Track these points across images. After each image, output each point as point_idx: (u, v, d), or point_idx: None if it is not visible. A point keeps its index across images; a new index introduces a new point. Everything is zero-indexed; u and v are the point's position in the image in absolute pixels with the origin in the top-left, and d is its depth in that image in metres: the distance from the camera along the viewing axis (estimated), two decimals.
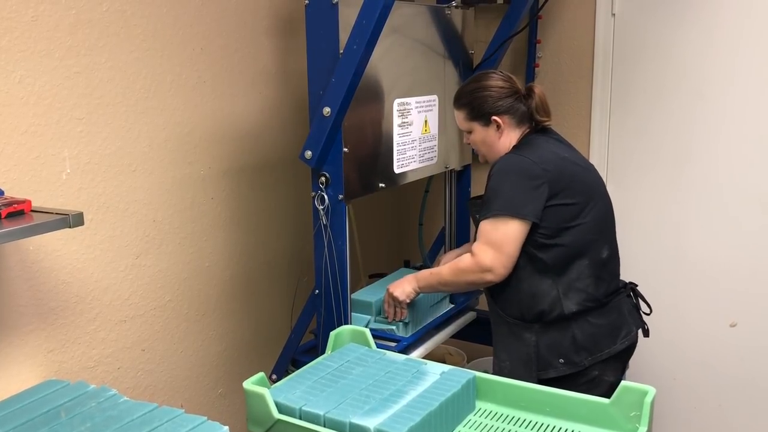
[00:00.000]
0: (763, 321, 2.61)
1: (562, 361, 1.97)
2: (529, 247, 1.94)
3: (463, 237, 2.71)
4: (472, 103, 2.05)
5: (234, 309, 2.41)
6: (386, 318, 2.20)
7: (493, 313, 2.11)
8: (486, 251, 1.92)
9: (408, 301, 2.14)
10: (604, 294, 1.99)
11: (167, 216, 2.12)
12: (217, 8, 2.19)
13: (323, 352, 1.84)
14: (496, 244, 1.91)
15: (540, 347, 1.98)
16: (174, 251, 2.15)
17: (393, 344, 2.13)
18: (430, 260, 2.75)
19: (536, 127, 2.05)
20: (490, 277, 1.94)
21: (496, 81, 2.04)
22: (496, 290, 2.04)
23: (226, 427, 1.47)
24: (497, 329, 2.11)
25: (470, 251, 1.98)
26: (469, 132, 2.09)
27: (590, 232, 1.95)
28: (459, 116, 2.10)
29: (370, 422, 1.44)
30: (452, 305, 2.48)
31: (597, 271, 1.97)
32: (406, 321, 2.20)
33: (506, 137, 2.05)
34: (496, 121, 2.03)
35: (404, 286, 2.14)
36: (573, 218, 1.93)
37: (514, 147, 2.02)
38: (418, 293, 2.15)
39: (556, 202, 1.92)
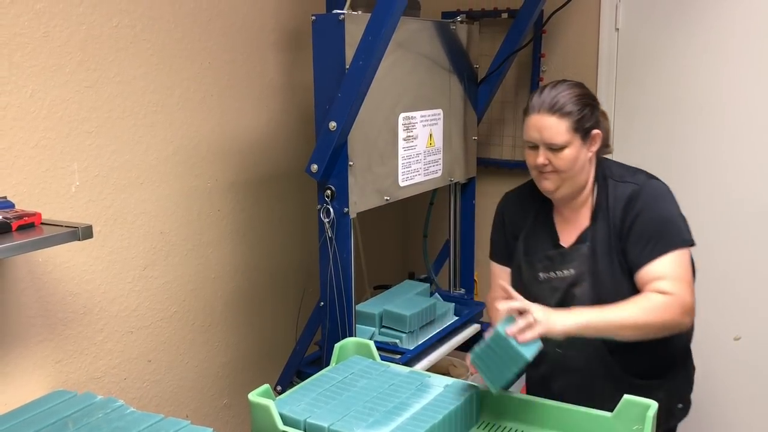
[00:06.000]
0: (767, 335, 2.61)
1: (680, 406, 1.82)
2: None
3: (467, 249, 2.72)
4: (582, 110, 1.72)
5: (239, 320, 2.43)
6: (507, 333, 1.54)
7: (605, 376, 1.71)
8: (686, 289, 1.63)
9: (549, 335, 1.56)
10: None
11: (174, 228, 2.14)
12: (224, 24, 2.22)
13: (328, 364, 1.85)
14: (689, 280, 1.66)
15: (666, 399, 1.71)
16: (180, 263, 2.17)
17: (397, 356, 2.14)
18: (434, 272, 2.76)
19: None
20: (687, 321, 1.64)
21: (589, 90, 1.78)
22: (622, 344, 1.66)
23: None
24: (612, 396, 1.56)
25: (657, 290, 1.64)
26: (562, 148, 1.72)
27: None
28: (558, 126, 1.71)
29: None
30: (456, 317, 2.49)
31: None
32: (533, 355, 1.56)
33: (593, 161, 1.77)
34: (596, 136, 1.75)
35: (565, 318, 1.57)
36: None
37: (615, 174, 1.77)
38: (570, 334, 1.58)
39: None
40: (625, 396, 1.55)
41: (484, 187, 2.91)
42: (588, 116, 1.73)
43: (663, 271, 1.65)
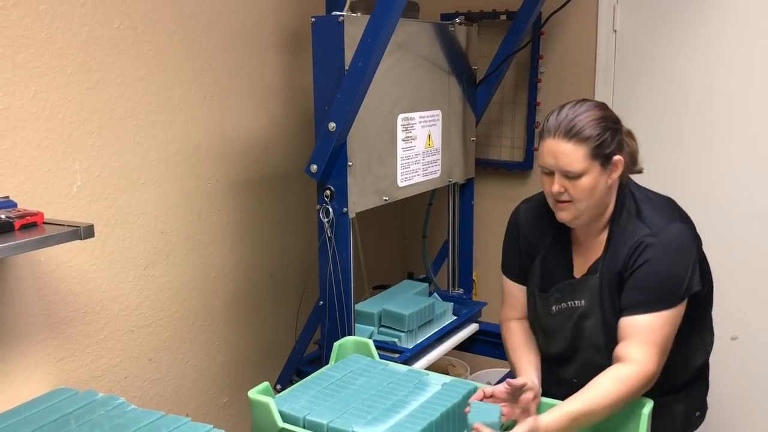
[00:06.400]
0: (764, 334, 2.62)
1: (698, 413, 1.82)
2: (690, 308, 1.66)
3: (466, 249, 2.73)
4: (601, 135, 1.60)
5: (240, 319, 2.44)
6: None
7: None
8: (653, 356, 1.57)
9: None
10: None
11: (175, 228, 2.16)
12: (224, 26, 2.24)
13: (327, 363, 1.87)
14: (663, 344, 1.59)
15: (685, 411, 1.79)
16: (181, 262, 2.19)
17: (396, 355, 2.15)
18: (433, 272, 2.77)
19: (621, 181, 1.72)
20: (646, 390, 1.58)
21: (612, 111, 1.67)
22: None
23: None
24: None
25: (625, 357, 1.58)
26: (579, 176, 1.61)
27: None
28: (575, 153, 1.60)
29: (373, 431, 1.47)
30: (455, 317, 2.50)
31: None
32: None
33: (614, 187, 1.67)
34: (618, 162, 1.64)
35: None
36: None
37: (632, 208, 1.69)
38: None
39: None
40: None
41: (483, 187, 2.93)
42: (608, 141, 1.62)
43: (639, 332, 1.59)
